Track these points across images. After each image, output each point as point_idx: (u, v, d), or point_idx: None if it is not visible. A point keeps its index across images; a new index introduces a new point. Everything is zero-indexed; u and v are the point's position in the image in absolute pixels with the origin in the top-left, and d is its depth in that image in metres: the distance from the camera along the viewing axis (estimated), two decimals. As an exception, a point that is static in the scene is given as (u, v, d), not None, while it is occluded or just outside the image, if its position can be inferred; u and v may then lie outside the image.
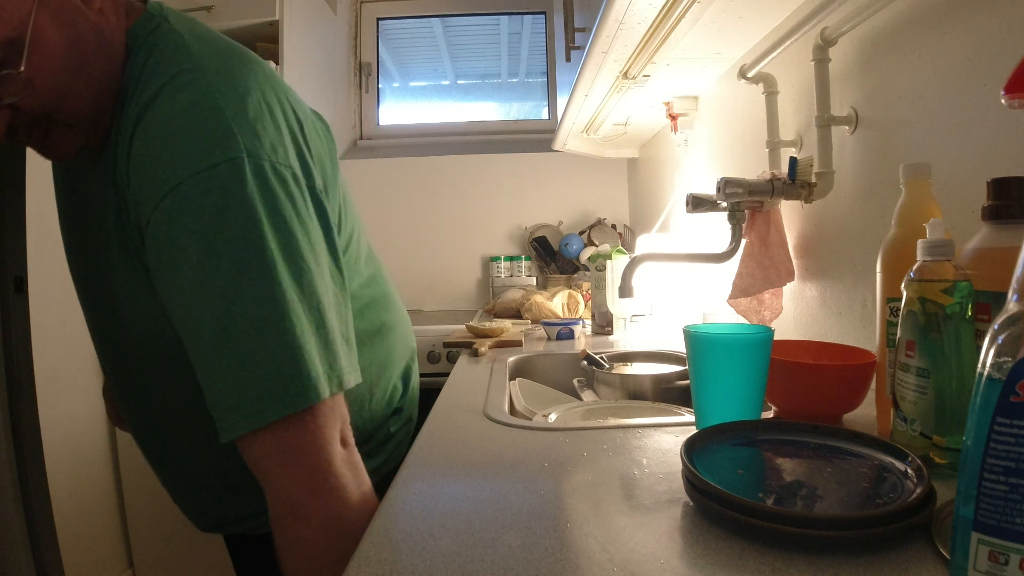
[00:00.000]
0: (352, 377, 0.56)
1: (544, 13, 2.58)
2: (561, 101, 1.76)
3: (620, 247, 1.69)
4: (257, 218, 0.51)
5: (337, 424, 0.55)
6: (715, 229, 1.34)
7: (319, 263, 0.56)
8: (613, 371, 1.06)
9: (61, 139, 0.56)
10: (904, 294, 0.54)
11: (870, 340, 0.73)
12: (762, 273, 1.03)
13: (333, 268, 0.59)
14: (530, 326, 1.76)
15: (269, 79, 0.58)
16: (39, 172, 1.09)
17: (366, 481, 0.58)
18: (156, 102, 0.52)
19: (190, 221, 0.50)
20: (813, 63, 0.90)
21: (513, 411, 0.92)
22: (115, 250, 0.58)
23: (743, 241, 1.07)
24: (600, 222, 2.43)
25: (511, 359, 1.23)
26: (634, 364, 1.16)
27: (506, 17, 2.61)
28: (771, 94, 1.05)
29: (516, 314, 1.98)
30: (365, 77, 2.59)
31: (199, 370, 0.52)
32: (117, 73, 0.56)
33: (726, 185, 1.00)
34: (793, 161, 0.97)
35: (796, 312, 1.06)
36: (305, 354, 0.51)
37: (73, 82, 0.53)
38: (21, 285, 1.32)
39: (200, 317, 0.50)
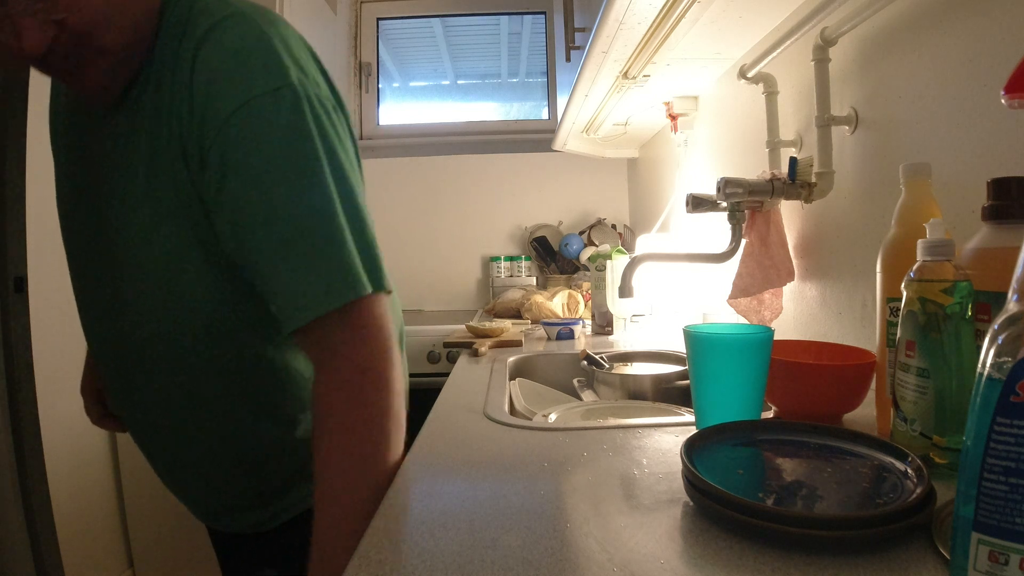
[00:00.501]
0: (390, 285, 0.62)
1: (544, 13, 2.58)
2: (561, 101, 1.76)
3: (620, 247, 1.69)
4: (313, 137, 0.57)
5: (390, 316, 0.60)
6: (715, 229, 1.34)
7: (358, 186, 0.62)
8: (613, 371, 1.06)
9: (92, 68, 0.58)
10: (904, 294, 0.54)
11: (870, 340, 0.73)
12: (762, 273, 1.03)
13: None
14: (530, 326, 1.76)
15: (300, 35, 0.64)
16: (39, 172, 1.10)
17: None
18: (212, 36, 0.57)
19: (257, 134, 0.55)
20: (813, 63, 0.90)
21: (513, 411, 0.92)
22: (140, 183, 0.60)
23: (743, 241, 1.07)
24: (600, 222, 2.43)
25: (511, 359, 1.23)
26: (634, 364, 1.16)
27: (506, 17, 2.61)
28: (771, 94, 1.05)
29: (516, 314, 1.98)
30: (365, 77, 2.59)
31: (265, 266, 0.57)
32: (154, 16, 0.60)
33: (726, 185, 1.00)
34: (793, 161, 0.97)
35: (796, 312, 1.06)
36: (360, 253, 0.58)
37: (113, 13, 0.56)
38: (21, 285, 1.32)
39: (271, 216, 0.55)
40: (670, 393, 0.99)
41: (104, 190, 0.64)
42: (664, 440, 0.67)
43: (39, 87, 1.41)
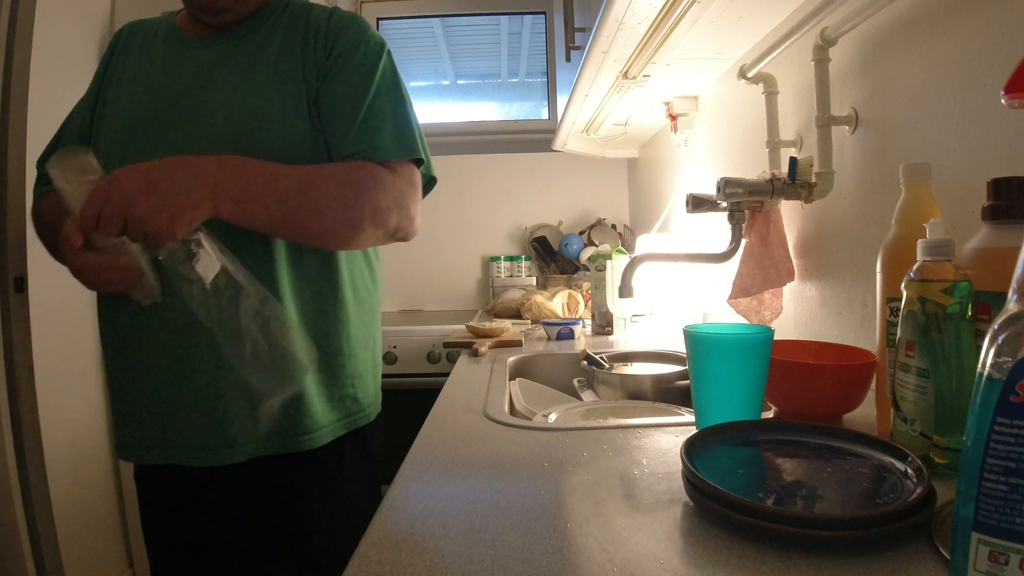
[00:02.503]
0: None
1: (544, 13, 2.57)
2: (561, 101, 1.76)
3: (620, 247, 1.69)
4: (397, 70, 0.87)
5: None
6: (715, 229, 1.34)
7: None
8: (613, 371, 1.06)
9: None
10: (904, 294, 0.54)
11: (870, 340, 0.73)
12: (762, 273, 1.03)
13: None
14: (530, 326, 1.76)
15: None
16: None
17: None
18: (339, 10, 0.86)
19: (370, 57, 0.84)
20: (813, 63, 0.90)
21: (513, 411, 0.92)
22: (266, 69, 0.81)
23: (743, 241, 1.07)
24: (600, 222, 2.43)
25: (511, 359, 1.23)
26: (634, 364, 1.16)
27: (506, 17, 2.61)
28: (771, 94, 1.05)
29: (516, 314, 1.98)
30: (365, 77, 2.59)
31: (360, 123, 0.79)
32: None
33: (726, 185, 1.00)
34: (793, 161, 0.97)
35: (796, 312, 1.06)
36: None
37: None
38: (21, 285, 1.32)
39: (369, 90, 0.81)
40: (670, 393, 0.99)
41: (197, 88, 0.80)
42: (664, 440, 0.67)
43: (39, 88, 1.41)
